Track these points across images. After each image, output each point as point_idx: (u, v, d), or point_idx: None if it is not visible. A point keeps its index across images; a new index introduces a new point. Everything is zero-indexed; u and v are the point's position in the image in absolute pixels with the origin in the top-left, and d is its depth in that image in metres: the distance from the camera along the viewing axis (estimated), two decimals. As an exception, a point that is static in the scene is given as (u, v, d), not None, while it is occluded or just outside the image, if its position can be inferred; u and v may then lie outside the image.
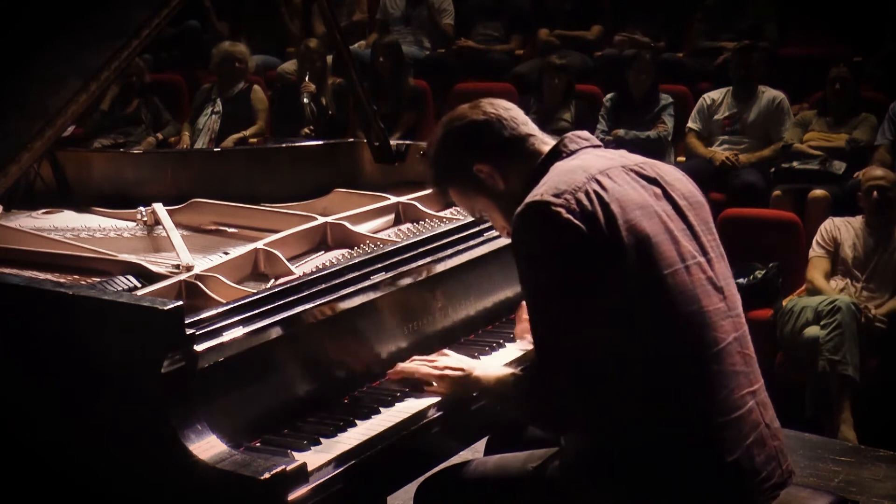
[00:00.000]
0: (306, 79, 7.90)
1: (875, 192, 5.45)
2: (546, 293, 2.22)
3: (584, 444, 2.28)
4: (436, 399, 2.47)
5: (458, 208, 3.39)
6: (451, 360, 2.52)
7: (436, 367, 2.50)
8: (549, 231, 2.19)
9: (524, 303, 2.85)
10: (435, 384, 2.49)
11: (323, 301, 2.43)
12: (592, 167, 2.27)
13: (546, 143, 2.43)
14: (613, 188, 2.23)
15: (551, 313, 2.22)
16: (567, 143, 2.39)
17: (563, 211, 2.17)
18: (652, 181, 2.32)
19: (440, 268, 2.76)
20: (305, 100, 7.81)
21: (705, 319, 2.23)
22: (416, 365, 2.53)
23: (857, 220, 5.57)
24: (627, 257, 2.18)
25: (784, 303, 5.47)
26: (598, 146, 2.42)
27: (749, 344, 2.33)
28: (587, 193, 2.20)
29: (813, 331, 5.21)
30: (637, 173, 2.31)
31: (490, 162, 2.41)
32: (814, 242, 5.57)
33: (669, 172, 2.38)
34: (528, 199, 2.23)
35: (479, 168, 2.41)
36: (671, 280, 2.21)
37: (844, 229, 5.54)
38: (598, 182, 2.23)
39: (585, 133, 2.44)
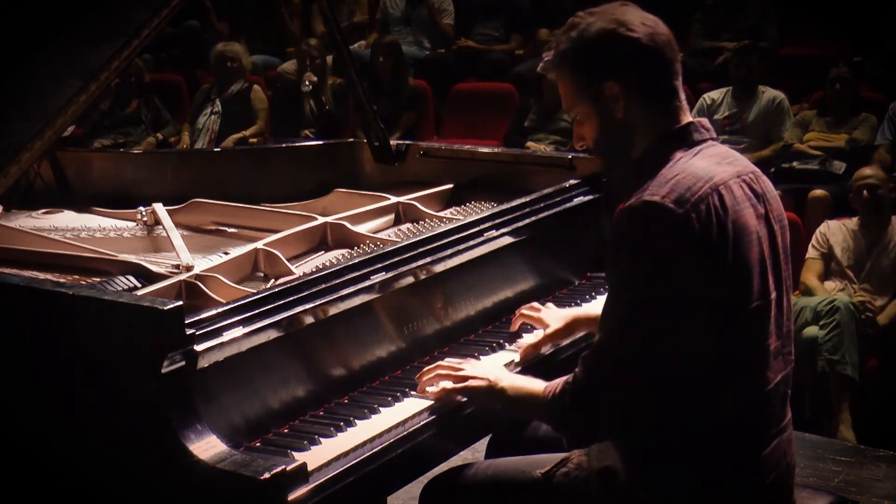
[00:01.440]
0: (308, 70, 7.88)
1: (865, 192, 5.44)
2: (644, 298, 2.14)
3: (616, 456, 2.25)
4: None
5: (457, 208, 3.40)
6: (476, 370, 2.47)
7: (459, 378, 2.45)
8: (664, 237, 2.11)
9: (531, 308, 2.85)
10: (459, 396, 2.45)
11: (323, 301, 2.43)
12: (715, 176, 2.18)
13: (684, 111, 2.29)
14: (732, 206, 2.16)
15: (640, 317, 2.15)
16: (692, 132, 2.26)
17: (683, 221, 2.10)
18: (759, 197, 2.26)
19: (440, 268, 2.76)
20: (305, 88, 7.80)
21: (767, 359, 2.22)
22: (443, 373, 2.47)
23: (853, 222, 5.57)
24: (723, 283, 2.14)
25: (784, 303, 5.47)
26: (716, 139, 2.32)
27: (790, 382, 2.31)
28: (708, 208, 2.12)
29: (812, 331, 5.21)
30: (749, 185, 2.24)
31: (626, 88, 2.24)
32: (810, 245, 5.57)
33: (770, 189, 2.32)
34: (648, 196, 2.12)
35: (611, 86, 2.24)
36: (753, 315, 2.18)
37: (839, 232, 5.54)
38: (720, 196, 2.15)
39: (707, 122, 2.33)
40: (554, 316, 2.80)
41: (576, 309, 2.92)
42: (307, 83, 7.81)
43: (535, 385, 2.36)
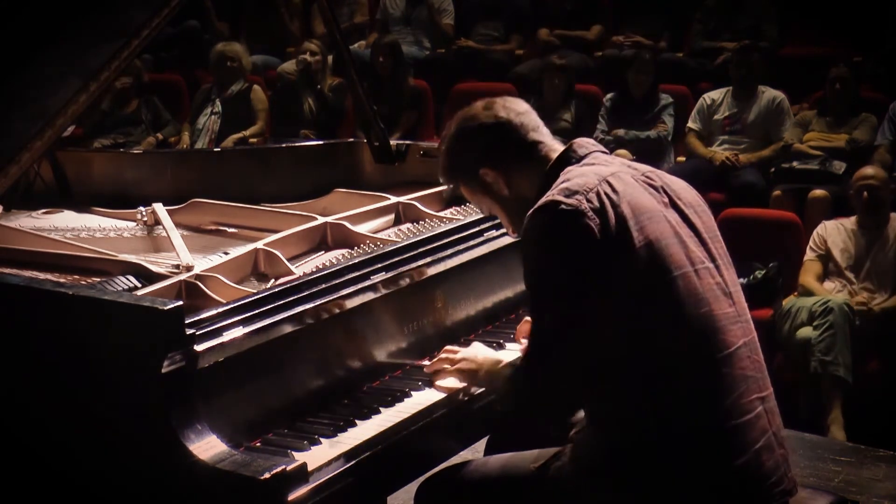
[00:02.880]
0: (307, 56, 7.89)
1: (865, 193, 5.43)
2: (553, 290, 2.23)
3: (593, 443, 2.29)
4: (436, 399, 2.48)
5: (458, 208, 3.40)
6: (468, 352, 2.57)
7: (455, 361, 2.55)
8: (559, 230, 2.21)
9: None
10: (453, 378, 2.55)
11: (323, 301, 2.43)
12: (603, 171, 2.30)
13: (554, 149, 2.44)
14: (624, 191, 2.25)
15: (555, 310, 2.23)
16: (576, 149, 2.41)
17: (574, 210, 2.19)
18: (659, 190, 2.34)
19: (440, 268, 2.76)
20: (300, 66, 7.78)
21: (715, 323, 2.24)
22: (443, 357, 2.59)
23: (850, 222, 5.55)
24: (637, 258, 2.19)
25: (784, 303, 5.47)
26: (605, 152, 2.44)
27: (759, 350, 2.33)
28: (598, 194, 2.22)
29: (806, 332, 5.21)
30: (645, 181, 2.34)
31: (494, 167, 2.43)
32: (808, 247, 5.57)
33: (675, 182, 2.40)
34: (541, 200, 2.25)
35: (485, 172, 2.43)
36: (681, 282, 2.22)
37: (836, 232, 5.52)
38: (610, 184, 2.25)
39: (591, 140, 2.47)
40: None
41: None
42: (300, 63, 7.80)
43: (504, 370, 2.46)
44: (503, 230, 2.98)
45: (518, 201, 2.41)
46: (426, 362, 2.66)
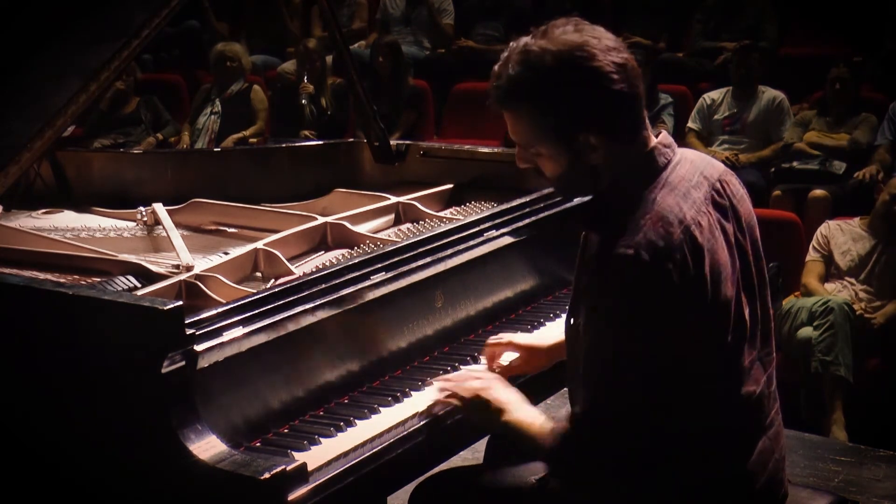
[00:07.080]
0: (305, 80, 7.91)
1: None
2: (631, 352, 2.07)
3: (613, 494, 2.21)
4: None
5: (457, 208, 3.40)
6: (489, 391, 2.32)
7: (466, 390, 2.34)
8: (646, 291, 2.04)
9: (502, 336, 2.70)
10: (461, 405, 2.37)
11: (323, 301, 2.43)
12: (686, 215, 2.08)
13: (650, 137, 2.19)
14: (706, 245, 2.08)
15: (628, 371, 2.08)
16: (656, 157, 2.17)
17: (660, 274, 2.03)
18: (728, 214, 2.18)
19: (440, 268, 2.76)
20: (304, 101, 7.82)
21: (742, 376, 2.18)
22: (458, 383, 2.38)
23: (854, 223, 5.54)
24: (705, 323, 2.10)
25: (784, 303, 5.47)
26: (677, 155, 2.21)
27: (773, 379, 2.28)
28: (683, 255, 2.04)
29: (806, 332, 5.21)
30: (716, 205, 2.16)
31: (605, 140, 2.11)
32: (810, 247, 5.56)
33: (736, 191, 2.24)
34: (622, 249, 2.03)
35: (588, 138, 2.10)
36: (730, 345, 2.14)
37: (839, 234, 5.51)
38: (692, 237, 2.06)
39: (668, 138, 2.23)
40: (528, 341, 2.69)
41: (552, 335, 2.72)
42: (304, 96, 7.82)
43: (537, 426, 2.24)
44: (503, 230, 2.98)
45: (591, 171, 2.14)
46: (426, 360, 2.65)
